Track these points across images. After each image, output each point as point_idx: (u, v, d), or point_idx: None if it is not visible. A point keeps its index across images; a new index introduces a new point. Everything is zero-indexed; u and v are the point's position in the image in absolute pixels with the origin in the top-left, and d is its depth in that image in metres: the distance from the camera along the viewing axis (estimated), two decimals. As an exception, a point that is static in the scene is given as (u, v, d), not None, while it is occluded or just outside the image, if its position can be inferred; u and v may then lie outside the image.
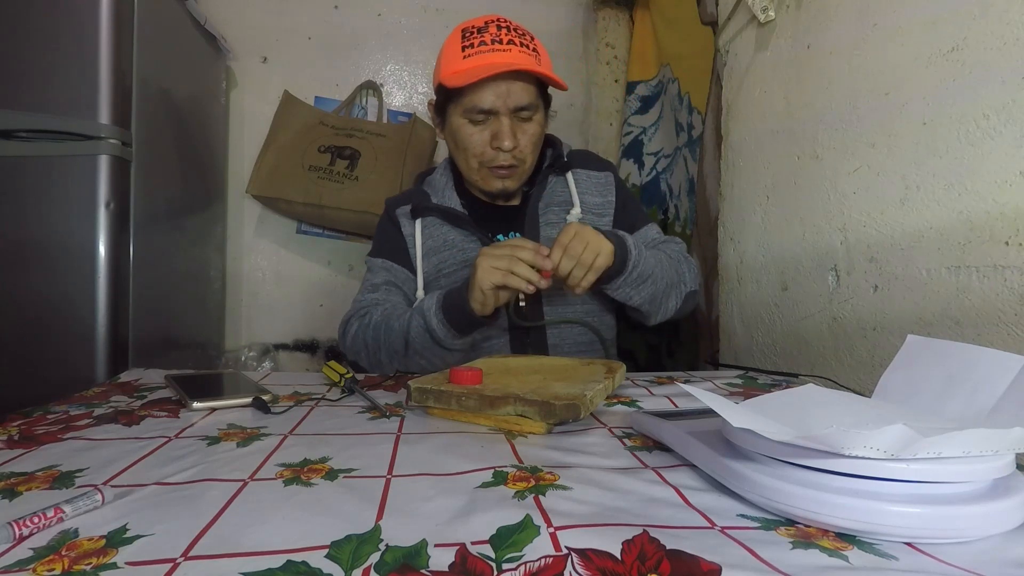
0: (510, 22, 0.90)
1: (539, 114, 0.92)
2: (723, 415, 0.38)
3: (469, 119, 0.89)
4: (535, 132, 0.92)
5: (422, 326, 0.82)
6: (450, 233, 0.97)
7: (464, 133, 0.90)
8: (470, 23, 0.90)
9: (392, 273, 0.97)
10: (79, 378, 1.07)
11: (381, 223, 1.04)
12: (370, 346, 0.88)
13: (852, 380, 0.89)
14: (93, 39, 1.10)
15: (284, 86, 1.72)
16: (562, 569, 0.30)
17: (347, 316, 0.95)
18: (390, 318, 0.87)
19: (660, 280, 0.88)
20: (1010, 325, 0.67)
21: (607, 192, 1.01)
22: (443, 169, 1.03)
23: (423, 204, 0.97)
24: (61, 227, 1.09)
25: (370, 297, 0.95)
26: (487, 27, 0.88)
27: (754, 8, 1.08)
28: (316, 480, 0.42)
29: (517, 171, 0.93)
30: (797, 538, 0.34)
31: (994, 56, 0.69)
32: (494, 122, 0.89)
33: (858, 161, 0.89)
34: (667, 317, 0.94)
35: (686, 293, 0.94)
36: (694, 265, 0.98)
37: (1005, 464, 0.35)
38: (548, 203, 0.98)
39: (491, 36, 0.87)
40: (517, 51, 0.86)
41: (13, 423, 0.55)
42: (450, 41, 0.90)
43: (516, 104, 0.87)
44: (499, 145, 0.88)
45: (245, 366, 1.80)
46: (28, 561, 0.30)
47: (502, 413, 0.56)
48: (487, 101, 0.87)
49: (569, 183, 0.99)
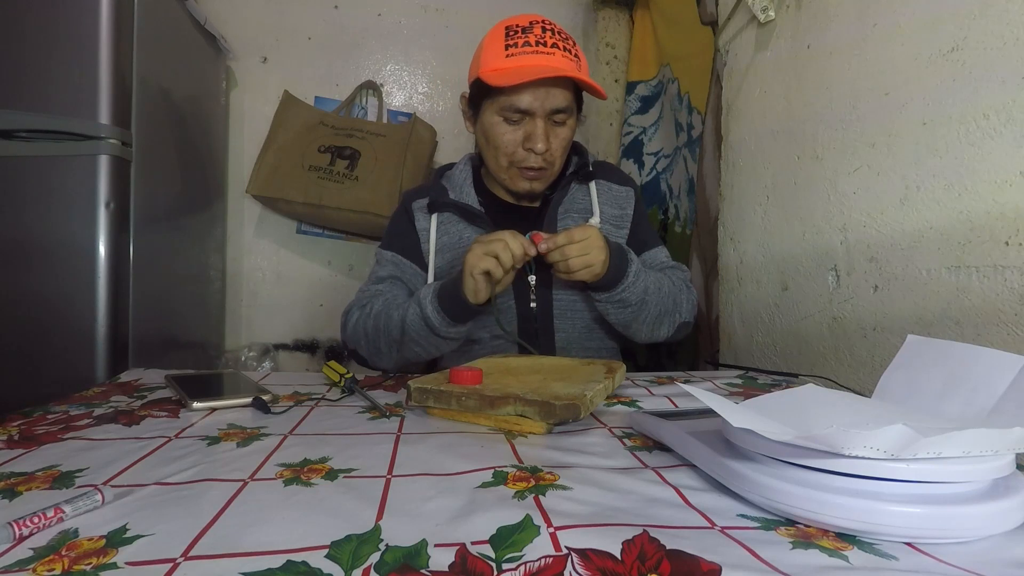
0: (555, 25, 0.90)
1: (572, 119, 0.92)
2: (723, 415, 0.38)
3: (504, 117, 0.89)
4: (566, 136, 0.92)
5: (418, 314, 0.82)
6: (465, 230, 0.97)
7: (497, 131, 0.90)
8: (514, 21, 0.90)
9: (399, 268, 0.97)
10: (79, 378, 1.07)
11: (396, 214, 1.04)
12: (369, 335, 0.88)
13: (852, 380, 0.89)
14: (93, 39, 1.10)
15: (284, 86, 1.72)
16: (562, 569, 0.30)
17: (349, 306, 0.95)
18: (389, 307, 0.87)
19: (649, 307, 0.88)
20: (1010, 325, 0.67)
21: (627, 206, 1.02)
22: (463, 165, 1.03)
23: (441, 199, 0.97)
24: (61, 227, 1.09)
25: (374, 288, 0.95)
26: (532, 27, 0.88)
27: (754, 8, 1.08)
28: (316, 480, 0.42)
29: (546, 173, 0.94)
30: (797, 538, 0.34)
31: (994, 56, 0.69)
32: (529, 123, 0.89)
33: (858, 161, 0.89)
34: (654, 340, 0.96)
35: (679, 323, 0.95)
36: (695, 296, 0.99)
37: (1005, 464, 0.35)
38: (568, 209, 0.98)
39: (535, 37, 0.87)
40: (560, 55, 0.86)
41: (13, 423, 0.55)
42: (492, 37, 0.90)
43: (553, 107, 0.88)
44: (532, 147, 0.89)
45: (245, 366, 1.80)
46: (28, 561, 0.30)
47: (502, 413, 0.56)
48: (525, 102, 0.86)
49: (591, 192, 0.99)
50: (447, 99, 1.92)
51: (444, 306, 0.81)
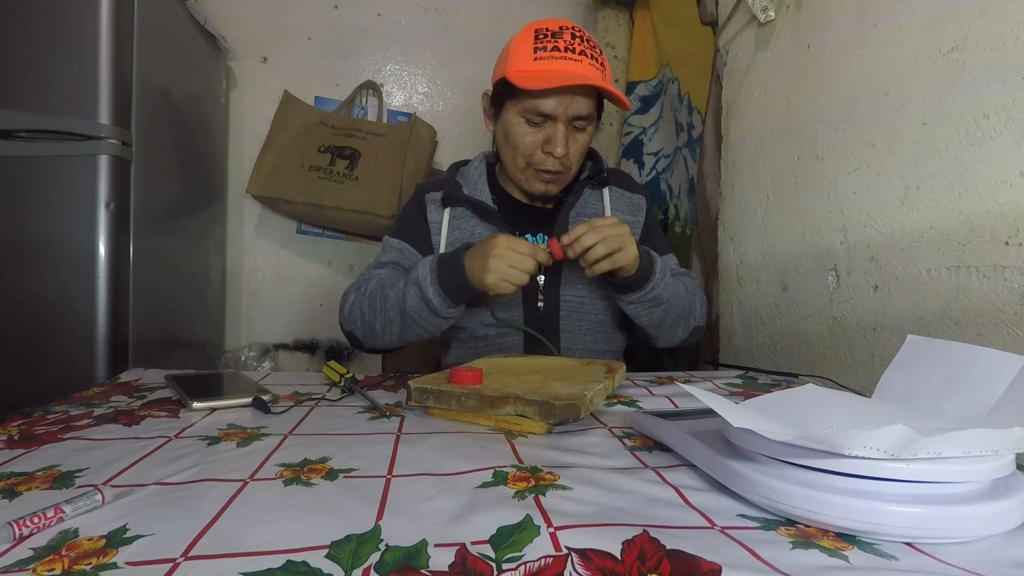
0: (584, 31, 0.90)
1: (592, 126, 0.93)
2: (723, 415, 0.38)
3: (526, 119, 0.90)
4: (585, 142, 0.93)
5: (418, 295, 0.82)
6: (478, 227, 0.97)
7: (518, 132, 0.91)
8: (544, 24, 0.90)
9: (403, 255, 0.97)
10: (79, 378, 1.07)
11: (408, 205, 1.04)
12: (366, 315, 0.89)
13: (852, 380, 0.89)
14: (93, 39, 1.10)
15: (284, 86, 1.72)
16: (562, 569, 0.30)
17: (347, 288, 0.96)
18: (384, 286, 0.87)
19: (673, 309, 0.90)
20: (1010, 325, 0.67)
21: (638, 213, 1.03)
22: (478, 162, 1.04)
23: (455, 194, 0.98)
24: (61, 227, 1.09)
25: (373, 272, 0.95)
26: (562, 33, 0.88)
27: (754, 8, 1.08)
28: (316, 480, 0.42)
29: (562, 177, 0.94)
30: (797, 538, 0.34)
31: (994, 56, 0.69)
32: (550, 126, 0.89)
33: (858, 161, 0.89)
34: (671, 344, 0.97)
35: (694, 327, 0.96)
36: (704, 301, 1.01)
37: (1005, 464, 0.35)
38: (580, 213, 0.99)
39: (564, 43, 0.87)
40: (588, 63, 0.87)
41: (13, 423, 0.55)
42: (521, 38, 0.90)
43: (575, 113, 0.88)
44: (551, 150, 0.89)
45: (245, 366, 1.80)
46: (28, 561, 0.30)
47: (502, 413, 0.56)
48: (549, 106, 0.87)
49: (604, 198, 1.00)
50: (447, 99, 1.92)
51: (445, 287, 0.81)
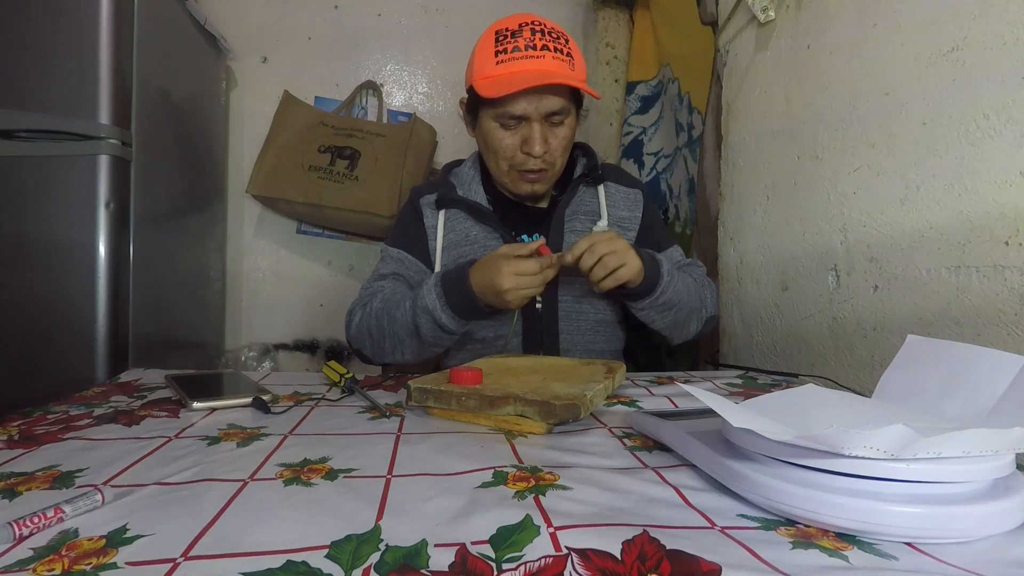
0: (544, 24, 0.89)
1: (570, 117, 0.92)
2: (723, 415, 0.38)
3: (500, 123, 0.89)
4: (566, 135, 0.92)
5: (431, 321, 0.82)
6: (473, 228, 0.97)
7: (495, 137, 0.90)
8: (503, 24, 0.89)
9: (404, 265, 0.97)
10: (79, 378, 1.07)
11: (403, 210, 1.04)
12: (374, 335, 0.89)
13: (852, 380, 0.89)
14: (93, 39, 1.10)
15: (284, 86, 1.72)
16: (562, 569, 0.30)
17: (352, 305, 0.95)
18: (390, 305, 0.87)
19: (684, 307, 0.90)
20: (1010, 325, 0.67)
21: (635, 208, 1.02)
22: (472, 162, 1.03)
23: (449, 195, 0.97)
24: (61, 227, 1.09)
25: (376, 285, 0.95)
26: (521, 31, 0.87)
27: (754, 8, 1.08)
28: (316, 480, 0.42)
29: (547, 175, 0.94)
30: (797, 538, 0.34)
31: (994, 56, 0.69)
32: (525, 127, 0.89)
33: (858, 161, 0.89)
34: (687, 339, 0.97)
35: (706, 318, 0.96)
36: (714, 290, 1.01)
37: (1005, 464, 0.35)
38: (575, 211, 0.99)
39: (525, 41, 0.86)
40: (551, 57, 0.86)
41: (13, 423, 0.55)
42: (483, 43, 0.89)
43: (548, 110, 0.87)
44: (529, 151, 0.89)
45: (245, 366, 1.80)
46: (28, 561, 0.30)
47: (502, 413, 0.56)
48: (519, 108, 0.87)
49: (600, 195, 1.00)
50: (447, 99, 1.92)
51: (457, 310, 0.81)
